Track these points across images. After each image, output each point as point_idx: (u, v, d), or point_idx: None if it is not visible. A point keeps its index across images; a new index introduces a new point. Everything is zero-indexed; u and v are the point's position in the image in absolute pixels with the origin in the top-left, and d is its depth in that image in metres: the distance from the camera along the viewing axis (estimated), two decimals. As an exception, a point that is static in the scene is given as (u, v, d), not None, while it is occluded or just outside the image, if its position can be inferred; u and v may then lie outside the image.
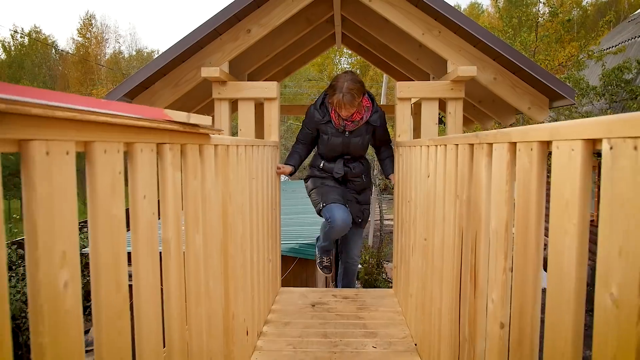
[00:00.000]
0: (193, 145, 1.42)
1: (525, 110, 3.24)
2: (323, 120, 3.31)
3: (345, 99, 3.06)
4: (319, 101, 3.34)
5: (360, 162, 3.52)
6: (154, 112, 1.07)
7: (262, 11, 3.24)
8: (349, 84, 3.07)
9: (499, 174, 1.24)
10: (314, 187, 3.51)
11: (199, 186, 1.51)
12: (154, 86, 3.34)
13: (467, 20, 3.06)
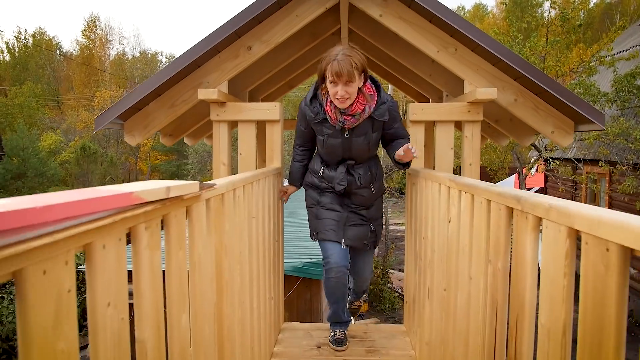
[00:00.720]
0: (178, 211, 1.19)
1: (548, 134, 2.99)
2: (316, 119, 2.62)
3: (340, 64, 2.33)
4: (310, 94, 2.64)
5: (369, 167, 2.75)
6: (120, 199, 0.83)
7: (264, 27, 3.01)
8: (346, 50, 2.40)
9: (554, 263, 1.00)
10: (309, 207, 2.90)
11: (186, 255, 1.27)
12: (148, 107, 3.10)
13: (485, 37, 2.81)
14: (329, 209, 2.77)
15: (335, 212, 2.76)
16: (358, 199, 2.77)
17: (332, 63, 2.35)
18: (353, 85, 2.39)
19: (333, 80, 2.37)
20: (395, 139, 2.70)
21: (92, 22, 49.70)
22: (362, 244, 2.79)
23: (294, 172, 2.98)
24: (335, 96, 2.40)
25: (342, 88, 2.37)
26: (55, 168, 22.76)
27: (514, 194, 1.24)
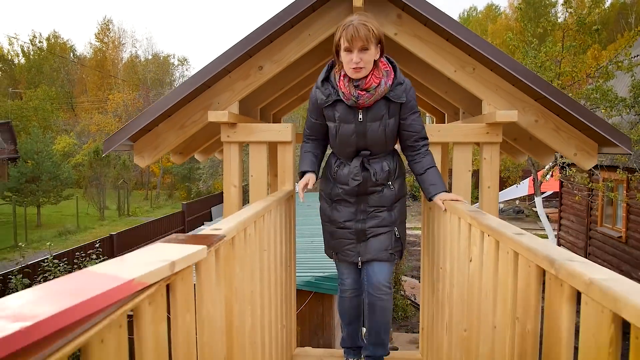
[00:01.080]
0: (185, 274, 1.11)
1: (570, 157, 2.88)
2: (328, 100, 2.38)
3: (356, 27, 2.16)
4: (322, 76, 2.42)
5: (386, 161, 2.47)
6: (121, 290, 0.76)
7: (275, 46, 2.93)
8: (361, 16, 2.24)
9: (596, 349, 0.90)
10: (323, 222, 2.65)
11: (195, 317, 1.20)
12: (158, 128, 3.05)
13: (504, 57, 2.71)
14: (343, 227, 2.53)
15: (349, 230, 2.51)
16: (376, 199, 2.47)
17: (347, 27, 2.19)
18: (369, 54, 2.21)
19: (347, 46, 2.20)
20: (411, 130, 2.43)
21: (106, 25, 50.15)
22: (386, 254, 2.46)
23: (304, 159, 2.62)
24: (350, 65, 2.21)
25: (357, 55, 2.19)
26: (69, 171, 22.91)
27: (546, 253, 1.14)
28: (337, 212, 2.55)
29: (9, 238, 17.81)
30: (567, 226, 15.04)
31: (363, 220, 2.51)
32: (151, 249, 1.01)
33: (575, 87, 10.28)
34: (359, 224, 2.51)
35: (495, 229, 1.51)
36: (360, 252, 2.51)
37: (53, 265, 6.43)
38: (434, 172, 2.45)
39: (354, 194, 2.49)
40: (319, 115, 2.51)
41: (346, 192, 2.50)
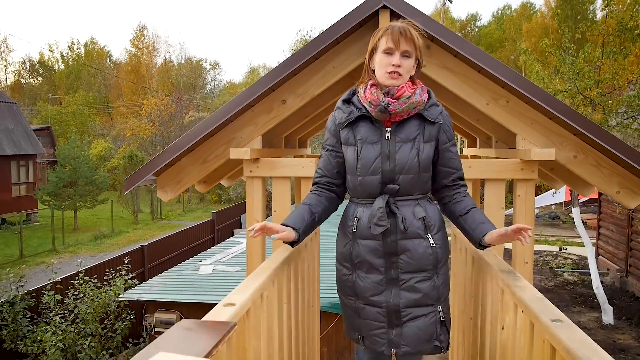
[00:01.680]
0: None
1: (613, 194, 2.70)
2: (350, 118, 1.97)
3: (403, 29, 1.90)
4: (345, 95, 2.07)
5: (420, 205, 1.95)
6: None
7: (299, 80, 2.86)
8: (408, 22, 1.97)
9: None
10: (341, 290, 2.08)
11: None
12: (181, 162, 3.02)
13: (539, 91, 2.56)
14: (369, 303, 1.95)
15: (378, 309, 1.93)
16: (411, 260, 1.90)
17: (391, 28, 1.91)
18: (409, 62, 1.92)
19: (391, 47, 1.90)
20: (450, 174, 2.01)
21: (140, 31, 51.30)
22: (430, 346, 1.92)
23: (295, 212, 2.03)
24: (387, 68, 1.90)
25: (399, 57, 1.89)
26: (105, 176, 23.51)
27: (587, 356, 1.02)
28: (360, 283, 1.97)
29: (47, 242, 18.39)
30: (606, 236, 14.44)
31: (395, 293, 1.91)
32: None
33: (616, 94, 9.87)
34: (391, 299, 1.91)
35: (530, 308, 1.39)
36: (394, 341, 1.93)
37: (83, 282, 6.55)
38: (480, 212, 2.00)
39: (379, 252, 1.92)
40: (336, 142, 2.03)
41: (370, 249, 1.93)
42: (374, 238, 1.92)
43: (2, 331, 6.21)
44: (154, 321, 6.02)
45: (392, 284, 1.92)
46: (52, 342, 5.67)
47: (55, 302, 6.29)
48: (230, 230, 16.13)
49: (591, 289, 9.73)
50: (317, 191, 2.09)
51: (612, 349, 8.20)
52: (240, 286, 1.59)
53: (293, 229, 1.92)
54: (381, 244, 1.92)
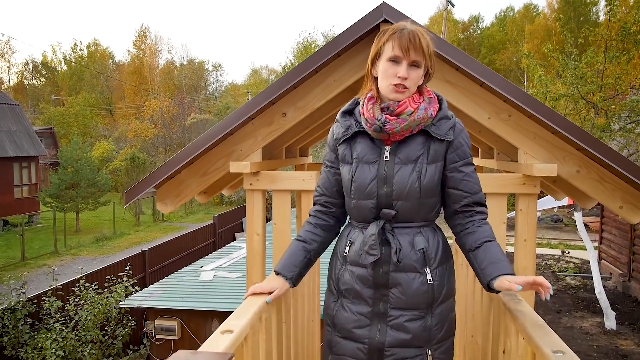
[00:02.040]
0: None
1: (615, 209, 2.67)
2: (347, 133, 1.78)
3: (412, 35, 1.65)
4: (345, 107, 1.86)
5: (421, 234, 1.72)
6: None
7: (299, 93, 2.84)
8: (418, 25, 1.75)
9: None
10: (324, 317, 1.88)
11: None
12: (180, 175, 3.01)
13: (541, 107, 2.54)
14: (349, 337, 1.73)
15: (359, 345, 1.71)
16: (400, 294, 1.67)
17: (400, 32, 1.65)
18: (418, 73, 1.68)
19: (397, 55, 1.65)
20: (462, 197, 1.74)
21: (143, 32, 51.40)
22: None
23: (287, 254, 1.85)
24: (392, 79, 1.66)
25: (406, 68, 1.65)
26: (107, 178, 23.55)
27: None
28: (344, 312, 1.76)
29: (49, 244, 18.42)
30: (609, 240, 14.39)
31: (381, 330, 1.69)
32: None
33: (619, 99, 9.85)
34: (375, 336, 1.69)
35: (531, 337, 1.37)
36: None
37: (84, 288, 6.55)
38: (495, 247, 1.70)
39: (368, 282, 1.71)
40: (334, 159, 1.84)
41: (359, 277, 1.72)
42: (364, 266, 1.71)
43: (2, 338, 6.21)
44: (155, 328, 6.01)
45: (379, 318, 1.70)
46: (52, 349, 5.66)
47: (56, 308, 6.30)
48: (232, 233, 16.12)
49: (593, 293, 9.70)
50: (315, 218, 1.90)
51: (614, 354, 8.16)
52: (239, 310, 1.58)
53: (284, 277, 1.78)
54: (372, 273, 1.70)
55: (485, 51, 46.34)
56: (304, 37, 64.96)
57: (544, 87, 10.03)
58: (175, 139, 34.73)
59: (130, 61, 51.90)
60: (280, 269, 1.80)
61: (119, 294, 6.53)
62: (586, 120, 9.65)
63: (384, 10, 2.53)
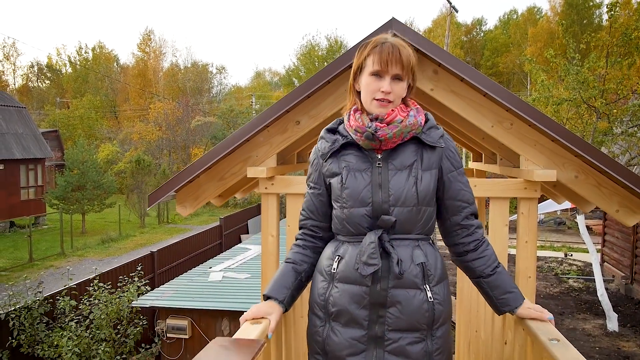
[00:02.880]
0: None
1: (612, 213, 2.82)
2: (333, 147, 1.70)
3: (394, 48, 1.63)
4: (330, 125, 1.81)
5: (419, 249, 1.64)
6: None
7: (312, 102, 3.01)
8: (398, 38, 1.71)
9: None
10: (309, 345, 1.74)
11: None
12: (199, 179, 3.17)
13: (542, 116, 2.70)
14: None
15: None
16: (399, 313, 1.57)
17: (380, 46, 1.62)
18: (401, 86, 1.66)
19: (378, 69, 1.63)
20: (460, 209, 1.70)
21: (147, 35, 51.72)
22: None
23: (277, 276, 1.75)
24: (375, 94, 1.63)
25: (389, 83, 1.62)
26: (112, 180, 23.76)
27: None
28: (334, 338, 1.62)
29: (56, 245, 18.61)
30: (611, 242, 14.48)
31: (377, 356, 1.57)
32: None
33: (620, 103, 9.97)
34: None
35: (530, 327, 1.52)
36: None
37: (98, 288, 6.74)
38: (505, 273, 1.72)
39: (363, 301, 1.58)
40: (318, 179, 1.76)
41: (352, 296, 1.59)
42: (359, 283, 1.58)
43: (20, 336, 6.41)
44: (166, 327, 6.17)
45: (376, 343, 1.58)
46: (68, 346, 5.84)
47: (70, 307, 6.48)
48: (238, 235, 16.30)
49: (596, 295, 9.80)
50: (302, 241, 1.82)
51: (616, 356, 8.26)
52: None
53: (276, 299, 1.68)
54: (368, 291, 1.58)
55: (488, 54, 46.46)
56: (308, 39, 65.34)
57: (547, 92, 10.17)
58: (179, 141, 34.96)
59: (135, 64, 52.20)
60: (270, 292, 1.69)
61: (132, 294, 6.71)
62: (588, 125, 9.78)
63: (393, 25, 2.69)
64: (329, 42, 48.54)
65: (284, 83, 54.95)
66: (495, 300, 1.67)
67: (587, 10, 41.37)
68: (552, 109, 9.81)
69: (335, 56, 45.96)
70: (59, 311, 6.70)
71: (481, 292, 1.73)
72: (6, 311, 6.41)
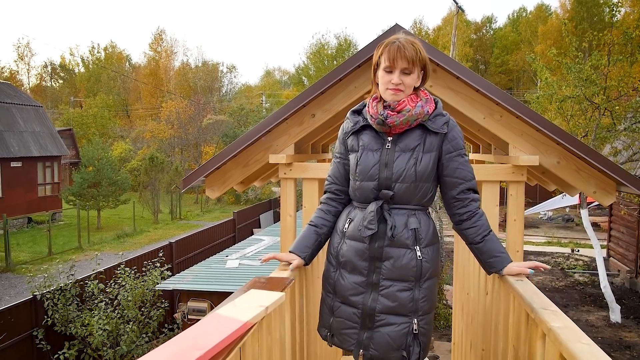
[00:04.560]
0: (273, 314, 1.59)
1: (590, 194, 3.20)
2: (354, 127, 2.07)
3: (402, 46, 1.93)
4: (355, 107, 2.18)
5: (414, 216, 1.98)
6: (241, 329, 1.24)
7: (326, 97, 3.42)
8: (409, 36, 2.05)
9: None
10: (323, 285, 2.15)
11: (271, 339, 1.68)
12: (225, 166, 3.60)
13: (526, 110, 3.09)
14: (347, 302, 2.00)
15: (354, 310, 1.98)
16: (393, 268, 1.93)
17: (390, 45, 1.94)
18: (411, 77, 1.96)
19: (389, 65, 1.95)
20: (457, 184, 2.00)
21: (159, 35, 52.35)
22: (397, 355, 1.92)
23: (301, 237, 2.18)
24: (387, 85, 1.96)
25: (399, 76, 1.94)
26: (126, 178, 24.31)
27: (529, 301, 1.55)
28: (342, 281, 2.03)
29: (72, 240, 19.18)
30: (617, 237, 14.73)
31: (373, 298, 1.95)
32: (250, 296, 1.50)
33: (623, 100, 10.21)
34: (368, 302, 1.96)
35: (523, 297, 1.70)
36: (363, 343, 1.97)
37: (124, 273, 7.24)
38: (495, 240, 2.03)
39: (364, 255, 1.98)
40: (344, 150, 2.14)
41: (356, 251, 1.99)
42: (362, 241, 1.97)
43: (54, 315, 6.94)
44: (187, 309, 6.62)
45: (372, 287, 1.96)
46: (99, 324, 6.33)
47: (99, 290, 6.98)
48: (250, 229, 16.82)
49: (600, 289, 10.04)
50: (326, 205, 2.20)
51: (617, 345, 8.53)
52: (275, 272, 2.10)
53: (299, 256, 2.09)
54: (367, 247, 1.96)
55: (498, 52, 46.47)
56: (317, 38, 65.77)
57: (551, 89, 10.45)
58: (191, 139, 35.49)
59: (147, 63, 52.88)
60: (294, 249, 2.11)
61: (156, 277, 7.19)
62: (591, 121, 10.05)
63: (396, 31, 3.09)
64: (339, 41, 48.89)
65: (293, 82, 55.40)
66: (484, 262, 2.02)
67: (597, 7, 41.10)
68: (556, 106, 10.09)
69: (344, 55, 46.34)
70: (87, 294, 7.21)
71: (474, 255, 2.09)
72: (42, 292, 6.96)
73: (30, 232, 21.36)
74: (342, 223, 2.08)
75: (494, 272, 1.98)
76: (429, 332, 1.95)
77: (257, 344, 1.49)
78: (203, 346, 1.08)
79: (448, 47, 33.47)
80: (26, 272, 11.53)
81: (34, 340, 7.00)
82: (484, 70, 45.97)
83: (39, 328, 7.02)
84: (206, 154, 34.67)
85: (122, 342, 6.49)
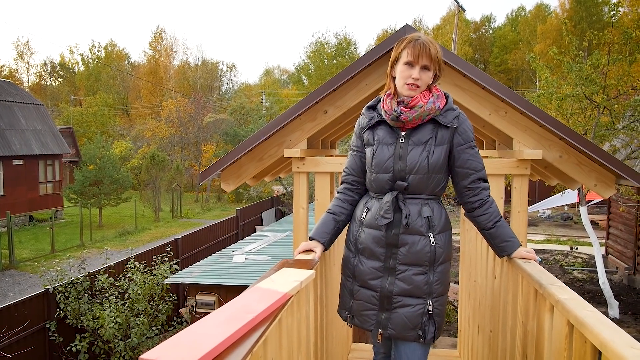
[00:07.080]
0: (307, 288, 1.74)
1: (591, 187, 3.35)
2: (370, 123, 2.19)
3: (424, 44, 2.05)
4: (370, 103, 2.29)
5: (427, 205, 2.10)
6: (282, 299, 1.39)
7: (337, 94, 3.56)
8: (428, 37, 2.13)
9: (559, 339, 1.46)
10: (344, 276, 2.28)
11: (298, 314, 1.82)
12: (240, 160, 3.74)
13: (531, 106, 3.23)
14: (366, 286, 2.15)
15: (373, 293, 2.13)
16: (409, 254, 2.06)
17: (414, 42, 2.05)
18: (428, 75, 2.09)
19: (411, 60, 2.05)
20: (468, 175, 2.13)
21: (159, 34, 52.39)
22: (414, 334, 2.06)
23: (320, 224, 2.31)
24: (407, 80, 2.06)
25: (419, 71, 2.05)
26: (128, 176, 24.40)
27: (537, 278, 1.69)
28: (361, 267, 2.17)
29: (74, 237, 19.29)
30: (615, 235, 14.90)
31: (390, 281, 2.10)
32: (283, 273, 1.65)
33: (622, 99, 10.35)
34: (385, 285, 2.10)
35: (531, 274, 1.87)
36: (382, 323, 2.12)
37: (134, 267, 7.38)
38: (505, 226, 2.17)
39: (381, 242, 2.11)
40: (360, 144, 2.26)
41: (373, 238, 2.13)
42: (379, 228, 2.11)
43: (66, 308, 7.09)
44: (195, 302, 6.77)
45: (389, 272, 2.10)
46: (110, 317, 6.47)
47: (109, 284, 7.12)
48: (252, 227, 16.98)
49: (599, 285, 10.17)
50: (343, 195, 2.32)
51: (615, 340, 8.70)
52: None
53: (318, 241, 2.23)
54: (384, 234, 2.10)
55: (497, 51, 46.61)
56: (317, 37, 65.83)
57: (551, 88, 10.59)
58: (191, 138, 35.57)
59: (147, 62, 52.91)
60: (314, 235, 2.26)
61: (165, 271, 7.34)
62: (590, 119, 10.19)
63: (407, 31, 3.23)
64: (338, 40, 49.01)
65: (293, 80, 55.49)
66: (496, 247, 2.16)
67: (596, 7, 41.22)
68: (556, 104, 10.23)
69: (344, 54, 46.47)
70: (97, 288, 7.35)
71: (486, 240, 2.23)
72: (54, 285, 7.10)
73: (32, 229, 21.45)
74: (360, 212, 2.21)
75: (505, 255, 2.12)
76: (443, 313, 2.09)
77: (291, 317, 1.64)
78: (253, 310, 1.22)
79: (448, 46, 33.64)
80: (30, 270, 11.64)
81: (47, 333, 7.17)
82: (483, 69, 45.99)
83: (52, 321, 7.19)
84: (206, 152, 34.77)
85: (133, 334, 6.64)
